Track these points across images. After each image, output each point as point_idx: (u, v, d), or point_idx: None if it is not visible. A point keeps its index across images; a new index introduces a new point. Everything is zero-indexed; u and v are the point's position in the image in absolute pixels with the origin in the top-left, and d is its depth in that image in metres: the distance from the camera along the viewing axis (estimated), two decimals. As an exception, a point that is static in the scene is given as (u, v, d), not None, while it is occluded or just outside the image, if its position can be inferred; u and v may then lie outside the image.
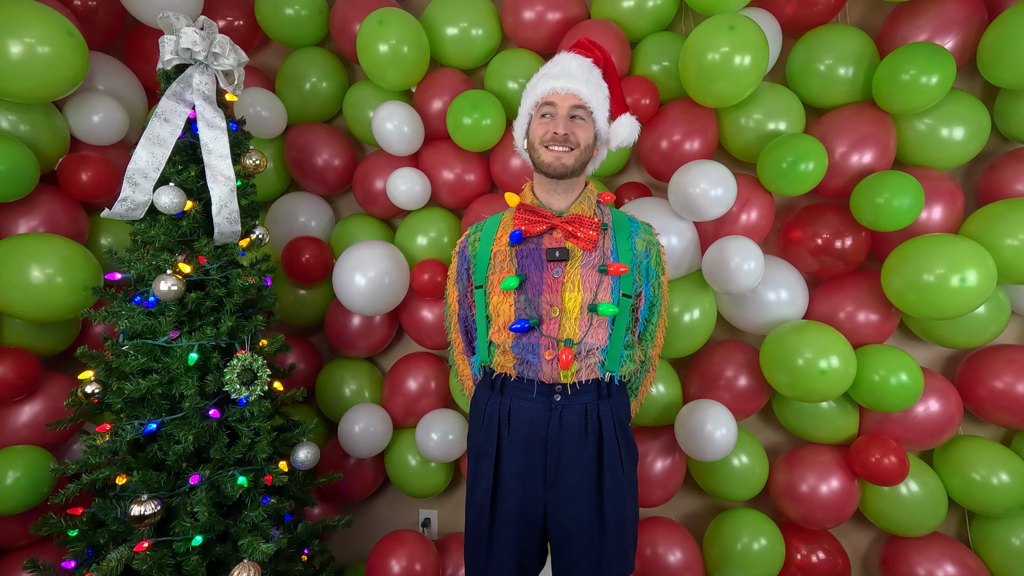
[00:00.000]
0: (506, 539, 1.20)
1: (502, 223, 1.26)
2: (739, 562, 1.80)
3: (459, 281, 1.31)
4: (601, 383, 1.19)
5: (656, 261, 1.25)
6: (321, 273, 1.99)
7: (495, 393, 1.22)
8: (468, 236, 1.30)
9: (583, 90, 1.15)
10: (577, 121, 1.16)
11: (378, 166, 2.04)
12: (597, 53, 1.24)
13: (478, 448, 1.24)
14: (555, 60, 1.23)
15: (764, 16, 1.81)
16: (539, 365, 1.16)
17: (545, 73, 1.21)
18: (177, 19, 1.44)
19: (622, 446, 1.19)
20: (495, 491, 1.20)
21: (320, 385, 2.10)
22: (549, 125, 1.16)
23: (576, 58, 1.21)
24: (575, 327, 1.14)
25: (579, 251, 1.17)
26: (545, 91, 1.17)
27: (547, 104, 1.17)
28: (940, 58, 1.58)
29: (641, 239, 1.23)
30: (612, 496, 1.17)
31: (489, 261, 1.22)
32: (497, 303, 1.19)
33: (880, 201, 1.59)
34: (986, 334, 1.72)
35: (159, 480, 1.34)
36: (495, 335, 1.20)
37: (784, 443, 1.99)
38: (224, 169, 1.47)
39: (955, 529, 1.89)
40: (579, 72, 1.17)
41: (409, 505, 2.21)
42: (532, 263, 1.18)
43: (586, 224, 1.16)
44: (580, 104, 1.16)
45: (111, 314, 1.41)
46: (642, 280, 1.22)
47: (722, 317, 1.91)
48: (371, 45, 1.82)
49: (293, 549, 1.58)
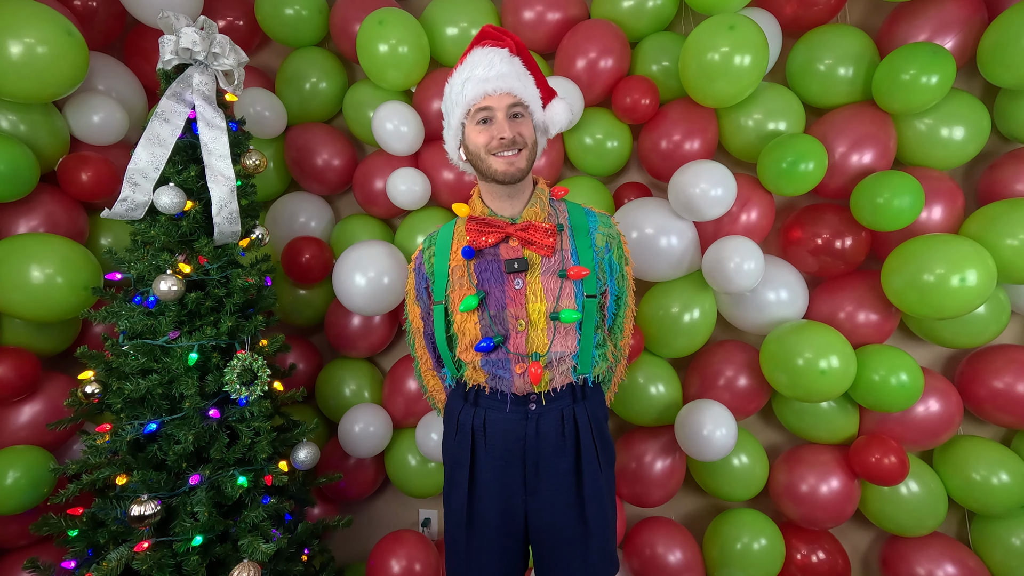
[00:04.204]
0: (486, 549, 1.18)
1: (455, 234, 1.20)
2: (739, 562, 1.80)
3: (419, 299, 1.26)
4: (575, 386, 1.16)
5: (619, 254, 1.21)
6: (321, 273, 1.99)
7: (468, 404, 1.19)
8: (423, 252, 1.24)
9: (515, 85, 1.09)
10: (518, 119, 1.10)
11: (378, 166, 2.04)
12: (508, 40, 1.15)
13: (452, 458, 1.21)
14: (473, 60, 1.13)
15: (764, 16, 1.81)
16: (511, 380, 1.13)
17: (469, 77, 1.11)
18: (177, 19, 1.44)
19: (599, 447, 1.17)
20: (471, 501, 1.18)
21: (320, 385, 2.10)
22: (492, 131, 1.09)
23: (494, 51, 1.12)
24: (542, 338, 1.11)
25: (538, 258, 1.12)
26: (477, 96, 1.09)
27: (482, 109, 1.09)
28: (940, 58, 1.58)
29: (601, 234, 1.18)
30: (592, 499, 1.15)
31: (448, 277, 1.17)
32: (461, 322, 1.15)
33: (880, 201, 1.59)
34: (986, 334, 1.72)
35: (159, 480, 1.34)
36: (463, 354, 1.17)
37: (784, 443, 1.99)
38: (224, 169, 1.47)
39: (955, 529, 1.89)
40: (505, 67, 1.09)
41: (409, 505, 2.21)
42: (491, 276, 1.13)
43: (541, 230, 1.11)
44: (517, 101, 1.09)
45: (111, 314, 1.41)
46: (606, 276, 1.18)
47: (722, 317, 1.91)
48: (371, 45, 1.82)
49: (293, 549, 1.58)
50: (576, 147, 1.95)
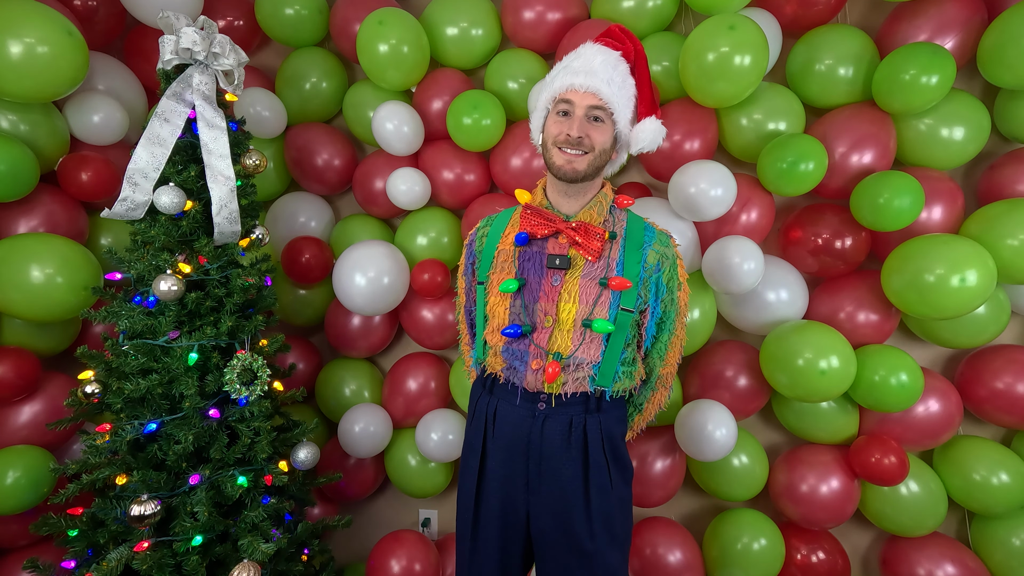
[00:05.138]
0: (490, 538, 1.19)
1: (512, 220, 1.22)
2: (739, 562, 1.80)
3: (466, 273, 1.30)
4: (590, 397, 1.14)
5: (670, 276, 1.17)
6: (321, 273, 1.99)
7: (485, 392, 1.22)
8: (478, 229, 1.27)
9: (604, 89, 1.07)
10: (595, 123, 1.09)
11: (378, 166, 2.04)
12: (628, 45, 1.13)
13: (468, 443, 1.25)
14: (579, 51, 1.13)
15: (764, 16, 1.81)
16: (524, 373, 1.13)
17: (566, 67, 1.11)
18: (177, 19, 1.44)
19: (611, 463, 1.14)
20: (480, 488, 1.19)
21: (320, 385, 2.10)
22: (564, 125, 1.09)
23: (602, 51, 1.11)
24: (567, 340, 1.10)
25: (582, 260, 1.12)
26: (563, 87, 1.09)
27: (564, 101, 1.09)
28: (940, 58, 1.58)
29: (654, 251, 1.15)
30: (599, 514, 1.12)
31: (493, 259, 1.19)
32: (494, 304, 1.16)
33: (880, 201, 1.59)
34: (986, 334, 1.72)
35: (159, 480, 1.34)
36: (489, 335, 1.19)
37: (784, 443, 1.99)
38: (224, 169, 1.47)
39: (955, 529, 1.89)
40: (602, 69, 1.08)
41: (409, 505, 2.21)
42: (533, 268, 1.14)
43: (592, 233, 1.11)
44: (599, 104, 1.07)
45: (111, 314, 1.41)
46: (649, 295, 1.15)
47: (722, 317, 1.91)
48: (371, 45, 1.82)
49: (293, 549, 1.58)
50: (576, 147, 1.95)
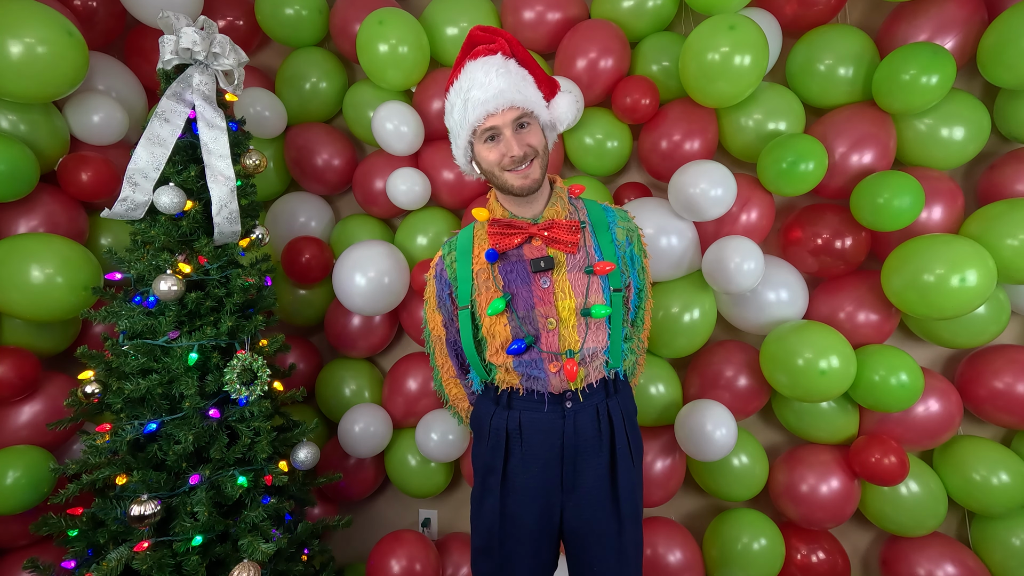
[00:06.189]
0: (520, 554, 1.18)
1: (476, 238, 1.20)
2: (739, 562, 1.80)
3: (441, 307, 1.24)
4: (608, 381, 1.18)
5: (638, 247, 1.23)
6: (321, 273, 1.99)
7: (500, 408, 1.19)
8: (443, 258, 1.23)
9: (516, 96, 1.06)
10: (525, 129, 1.08)
11: (378, 166, 2.04)
12: (500, 40, 1.10)
13: (484, 464, 1.21)
14: (470, 77, 1.08)
15: (764, 16, 1.81)
16: (546, 379, 1.13)
17: (468, 99, 1.07)
18: (177, 19, 1.44)
19: (631, 439, 1.20)
20: (503, 506, 1.18)
21: (320, 385, 2.10)
22: (500, 148, 1.07)
23: (487, 62, 1.08)
24: (574, 335, 1.11)
25: (563, 256, 1.13)
26: (479, 118, 1.06)
27: (488, 129, 1.07)
28: (940, 58, 1.58)
29: (621, 228, 1.19)
30: (626, 491, 1.17)
31: (472, 281, 1.16)
32: (491, 324, 1.14)
33: (880, 201, 1.59)
34: (986, 334, 1.72)
35: (159, 480, 1.34)
36: (493, 357, 1.16)
37: (784, 443, 1.99)
38: (224, 169, 1.47)
39: (955, 529, 1.89)
40: (501, 79, 1.05)
41: (409, 505, 2.21)
42: (518, 277, 1.13)
43: (564, 227, 1.12)
44: (520, 112, 1.07)
45: (111, 314, 1.41)
46: (629, 270, 1.20)
47: (722, 317, 1.91)
48: (371, 45, 1.82)
49: (293, 549, 1.58)
50: (576, 147, 1.95)
